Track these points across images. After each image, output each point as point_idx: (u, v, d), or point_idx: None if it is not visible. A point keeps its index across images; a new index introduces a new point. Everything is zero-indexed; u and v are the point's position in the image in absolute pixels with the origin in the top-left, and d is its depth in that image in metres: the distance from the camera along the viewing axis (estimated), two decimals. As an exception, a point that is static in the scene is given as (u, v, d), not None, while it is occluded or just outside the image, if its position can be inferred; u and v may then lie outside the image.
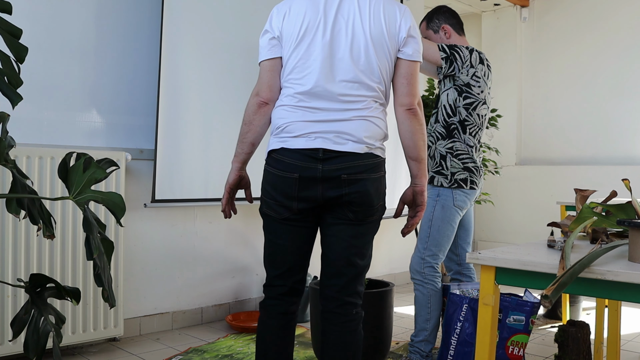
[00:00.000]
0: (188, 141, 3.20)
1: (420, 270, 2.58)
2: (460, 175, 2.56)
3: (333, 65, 1.81)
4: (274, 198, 1.85)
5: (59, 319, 2.02)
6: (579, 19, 5.53)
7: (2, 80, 1.86)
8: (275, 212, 1.86)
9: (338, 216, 1.86)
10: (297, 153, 1.81)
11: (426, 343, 2.57)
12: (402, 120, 1.90)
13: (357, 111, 1.83)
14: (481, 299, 1.46)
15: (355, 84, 1.82)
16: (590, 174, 5.23)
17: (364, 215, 1.86)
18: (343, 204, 1.83)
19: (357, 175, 1.81)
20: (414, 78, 1.90)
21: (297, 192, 1.82)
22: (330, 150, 1.79)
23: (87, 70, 3.02)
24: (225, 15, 3.39)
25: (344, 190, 1.80)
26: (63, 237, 2.75)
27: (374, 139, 1.84)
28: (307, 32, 1.83)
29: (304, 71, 1.83)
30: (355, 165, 1.80)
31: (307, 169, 1.80)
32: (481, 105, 2.61)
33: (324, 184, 1.80)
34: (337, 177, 1.79)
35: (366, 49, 1.81)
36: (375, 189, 1.85)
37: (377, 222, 1.94)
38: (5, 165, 1.87)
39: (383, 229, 4.54)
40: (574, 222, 1.64)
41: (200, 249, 3.47)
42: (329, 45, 1.81)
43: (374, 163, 1.84)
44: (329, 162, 1.79)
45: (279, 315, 1.89)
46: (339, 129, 1.81)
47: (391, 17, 1.85)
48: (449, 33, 2.71)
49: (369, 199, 1.84)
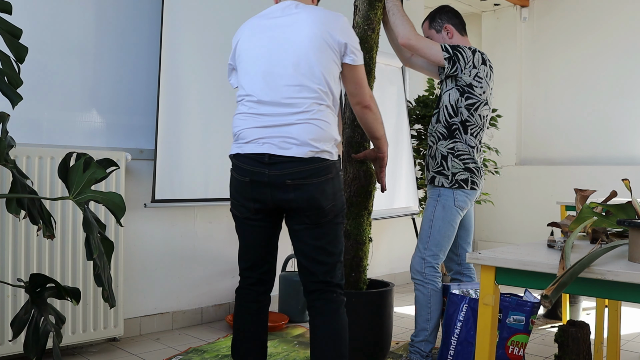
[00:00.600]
0: (188, 141, 3.20)
1: (421, 270, 2.58)
2: (461, 175, 2.56)
3: (273, 73, 1.97)
4: (236, 198, 2.05)
5: (59, 319, 2.02)
6: (579, 19, 5.53)
7: (2, 80, 1.86)
8: (239, 212, 2.06)
9: (297, 221, 2.01)
10: (248, 158, 1.97)
11: (426, 343, 2.57)
12: (360, 116, 2.21)
13: (301, 114, 1.95)
14: (481, 299, 1.46)
15: (297, 87, 1.95)
16: (590, 174, 5.23)
17: (317, 218, 1.98)
18: (295, 209, 1.98)
19: (300, 180, 1.93)
20: (361, 79, 2.12)
21: (251, 194, 1.99)
22: (275, 156, 1.93)
23: (87, 70, 3.02)
24: (226, 15, 3.39)
25: (290, 195, 1.95)
26: (63, 237, 2.75)
27: (320, 141, 1.95)
28: (252, 44, 2.06)
29: (253, 84, 2.01)
30: (299, 170, 1.93)
31: (257, 174, 1.96)
32: (483, 106, 2.61)
33: (272, 188, 1.95)
34: (282, 182, 1.93)
35: (306, 54, 1.96)
36: (322, 192, 1.96)
37: (336, 221, 2.04)
38: (5, 165, 1.87)
39: (383, 229, 4.57)
40: (574, 222, 1.64)
41: (200, 249, 3.47)
42: (270, 54, 1.99)
43: (319, 167, 1.95)
44: (274, 167, 1.93)
45: (251, 302, 2.11)
46: (284, 134, 1.94)
47: (329, 24, 2.01)
48: (451, 33, 2.71)
49: (316, 203, 1.96)
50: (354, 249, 2.65)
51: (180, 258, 3.38)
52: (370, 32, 2.66)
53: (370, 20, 2.66)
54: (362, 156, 2.54)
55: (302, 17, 2.02)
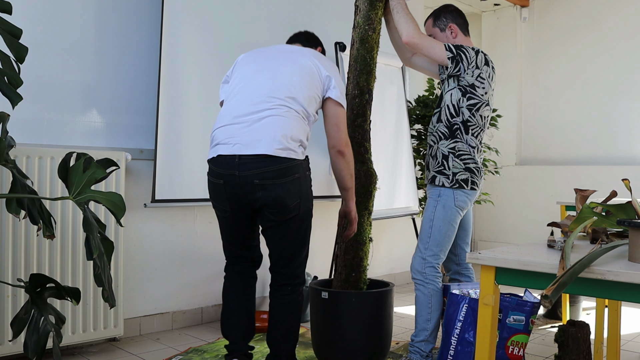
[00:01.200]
0: (188, 141, 3.20)
1: (422, 270, 2.58)
2: (461, 175, 2.56)
3: (252, 86, 2.22)
4: (214, 200, 2.27)
5: (59, 319, 2.03)
6: (579, 19, 5.53)
7: (2, 80, 1.86)
8: (217, 210, 2.30)
9: (264, 220, 2.21)
10: (221, 162, 2.15)
11: (426, 343, 2.57)
12: (333, 160, 2.36)
13: (269, 110, 2.14)
14: (481, 299, 1.46)
15: (270, 96, 2.17)
16: (590, 174, 5.23)
17: (282, 215, 2.17)
18: (262, 207, 2.15)
19: (267, 181, 2.10)
20: (340, 121, 2.31)
21: (225, 195, 2.19)
22: (245, 156, 2.10)
23: (87, 70, 3.02)
24: (226, 15, 3.39)
25: (258, 194, 2.12)
26: (63, 237, 2.75)
27: (287, 138, 2.12)
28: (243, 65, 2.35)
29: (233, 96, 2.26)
30: (266, 171, 2.09)
31: (229, 176, 2.14)
32: (484, 107, 2.61)
33: (242, 188, 2.13)
34: (251, 182, 2.10)
35: (290, 76, 2.21)
36: (287, 191, 2.13)
37: (301, 218, 2.23)
38: (5, 165, 1.87)
39: (383, 229, 4.57)
40: (574, 222, 1.64)
41: (200, 249, 3.46)
42: (254, 74, 2.26)
43: (285, 167, 2.11)
44: (244, 167, 2.10)
45: (236, 274, 2.39)
46: (253, 133, 2.12)
47: (319, 57, 2.32)
48: (455, 32, 2.70)
49: (281, 201, 2.13)
50: (354, 249, 2.65)
51: (180, 258, 3.38)
52: (371, 32, 2.66)
53: (371, 20, 2.66)
54: (341, 212, 2.52)
55: (295, 49, 2.37)
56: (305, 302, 3.42)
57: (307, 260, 2.37)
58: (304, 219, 2.26)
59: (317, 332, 2.64)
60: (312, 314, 2.68)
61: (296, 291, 2.31)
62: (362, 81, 2.68)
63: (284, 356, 2.31)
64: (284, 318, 2.29)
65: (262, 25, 3.56)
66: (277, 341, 2.30)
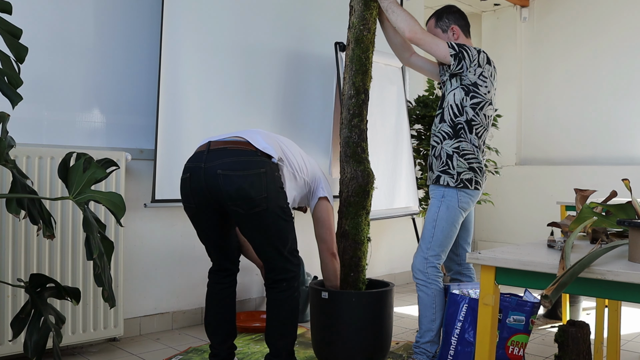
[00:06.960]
0: (188, 141, 3.20)
1: (424, 270, 2.57)
2: (465, 175, 2.56)
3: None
4: (182, 198, 2.33)
5: (59, 319, 2.03)
6: (579, 19, 5.53)
7: (2, 80, 1.86)
8: (186, 210, 2.36)
9: (233, 214, 2.22)
10: (194, 156, 2.26)
11: (432, 344, 2.57)
12: (326, 262, 2.55)
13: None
14: (481, 299, 1.46)
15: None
16: (590, 174, 5.23)
17: (248, 207, 2.17)
18: (226, 200, 2.16)
19: (230, 172, 2.15)
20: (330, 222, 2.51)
21: (190, 188, 2.24)
22: (215, 142, 2.22)
23: (87, 70, 3.02)
24: (226, 16, 3.39)
25: (221, 184, 2.15)
26: (63, 237, 2.75)
27: (259, 141, 2.25)
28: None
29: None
30: (231, 161, 2.16)
31: (195, 168, 2.21)
32: (487, 106, 2.60)
33: (205, 178, 2.17)
34: (214, 173, 2.15)
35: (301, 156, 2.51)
36: (250, 184, 2.15)
37: (274, 212, 2.23)
38: (5, 165, 1.87)
39: (383, 229, 4.56)
40: (574, 222, 1.64)
41: (200, 249, 3.45)
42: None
43: (251, 160, 2.18)
44: (210, 158, 2.17)
45: (215, 284, 2.47)
46: (236, 133, 2.30)
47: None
48: (457, 34, 2.70)
49: (244, 192, 2.15)
50: (352, 248, 2.65)
51: (180, 258, 3.38)
52: (366, 32, 2.67)
53: (365, 20, 2.66)
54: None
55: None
56: (305, 302, 3.42)
57: (297, 255, 2.37)
58: (279, 215, 2.24)
59: (317, 332, 2.64)
60: (312, 314, 2.68)
61: (291, 287, 2.32)
62: (358, 81, 2.68)
63: (282, 353, 2.32)
64: (280, 313, 2.31)
65: (262, 25, 3.57)
66: (275, 338, 2.32)
